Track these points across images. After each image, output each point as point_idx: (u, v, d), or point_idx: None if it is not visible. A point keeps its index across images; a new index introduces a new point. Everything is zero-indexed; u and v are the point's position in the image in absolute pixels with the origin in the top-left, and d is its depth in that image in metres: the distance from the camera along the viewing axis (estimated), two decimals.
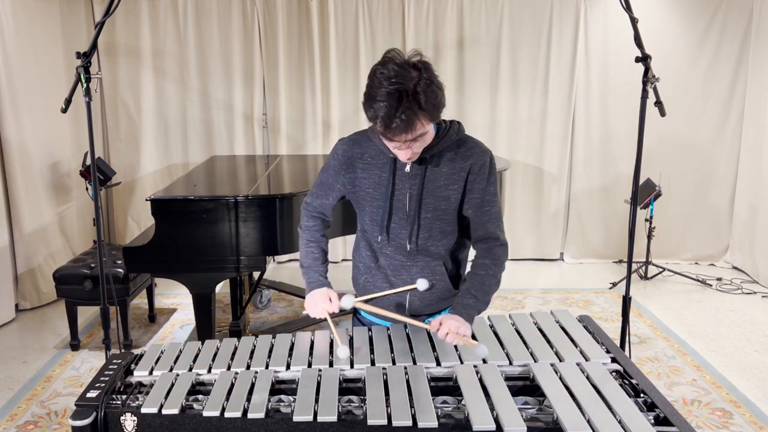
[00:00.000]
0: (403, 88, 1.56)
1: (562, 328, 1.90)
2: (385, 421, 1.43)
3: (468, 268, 1.93)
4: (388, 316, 1.85)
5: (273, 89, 5.29)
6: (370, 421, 1.43)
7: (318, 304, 1.86)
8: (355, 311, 2.07)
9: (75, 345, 3.82)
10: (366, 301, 1.91)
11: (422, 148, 1.74)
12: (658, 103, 2.65)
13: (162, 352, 1.81)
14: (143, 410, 1.52)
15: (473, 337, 1.78)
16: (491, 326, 1.90)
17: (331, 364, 1.70)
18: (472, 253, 1.97)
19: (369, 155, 1.84)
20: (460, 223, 1.88)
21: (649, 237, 4.96)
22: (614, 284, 4.96)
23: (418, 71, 1.59)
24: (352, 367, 1.68)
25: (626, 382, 1.64)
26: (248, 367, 1.70)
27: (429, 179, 1.80)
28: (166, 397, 1.55)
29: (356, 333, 1.87)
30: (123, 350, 3.24)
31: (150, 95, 5.25)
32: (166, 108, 5.30)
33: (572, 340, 1.81)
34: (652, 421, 1.45)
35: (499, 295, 4.71)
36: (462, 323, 1.72)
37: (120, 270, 3.71)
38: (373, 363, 1.70)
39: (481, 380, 1.58)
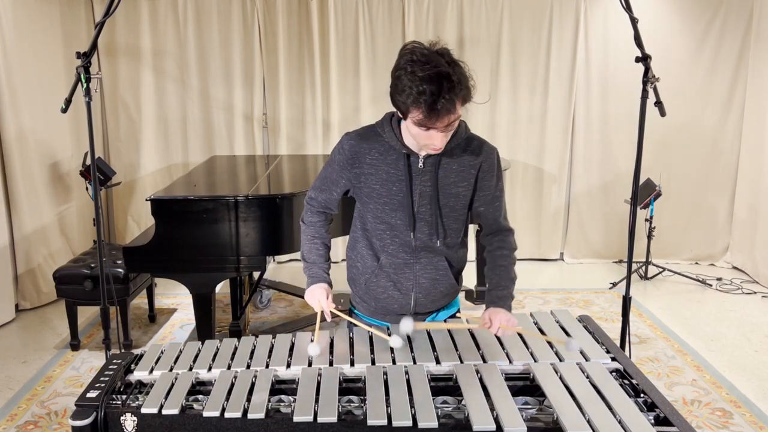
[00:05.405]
0: (443, 71, 1.55)
1: (562, 328, 1.90)
2: (385, 422, 1.42)
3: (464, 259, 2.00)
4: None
5: (273, 89, 5.29)
6: (370, 422, 1.43)
7: (316, 297, 1.88)
8: (350, 311, 2.07)
9: (75, 345, 3.82)
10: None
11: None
12: (658, 103, 2.65)
13: (162, 352, 1.81)
14: (143, 410, 1.52)
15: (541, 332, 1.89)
16: None
17: (331, 364, 1.70)
18: (470, 248, 1.99)
19: (377, 151, 1.81)
20: (466, 220, 1.91)
21: (649, 237, 4.96)
22: (614, 284, 4.96)
23: (442, 56, 1.60)
24: (352, 366, 1.68)
25: (626, 382, 1.64)
26: (248, 367, 1.70)
27: (440, 175, 1.81)
28: (166, 397, 1.55)
29: (356, 333, 1.87)
30: (123, 350, 3.24)
31: (150, 95, 5.24)
32: (166, 108, 5.30)
33: None
34: (652, 421, 1.45)
35: None
36: (509, 315, 1.81)
37: (120, 270, 3.71)
38: (373, 363, 1.70)
39: (481, 380, 1.58)
